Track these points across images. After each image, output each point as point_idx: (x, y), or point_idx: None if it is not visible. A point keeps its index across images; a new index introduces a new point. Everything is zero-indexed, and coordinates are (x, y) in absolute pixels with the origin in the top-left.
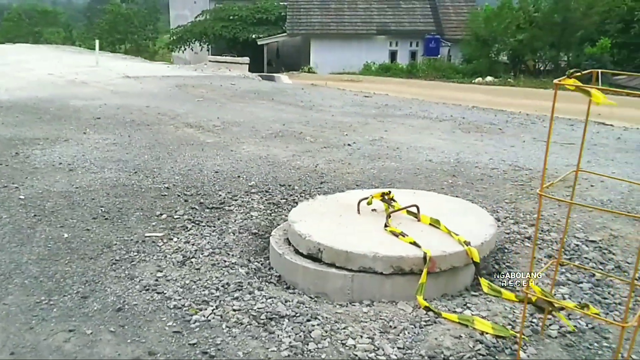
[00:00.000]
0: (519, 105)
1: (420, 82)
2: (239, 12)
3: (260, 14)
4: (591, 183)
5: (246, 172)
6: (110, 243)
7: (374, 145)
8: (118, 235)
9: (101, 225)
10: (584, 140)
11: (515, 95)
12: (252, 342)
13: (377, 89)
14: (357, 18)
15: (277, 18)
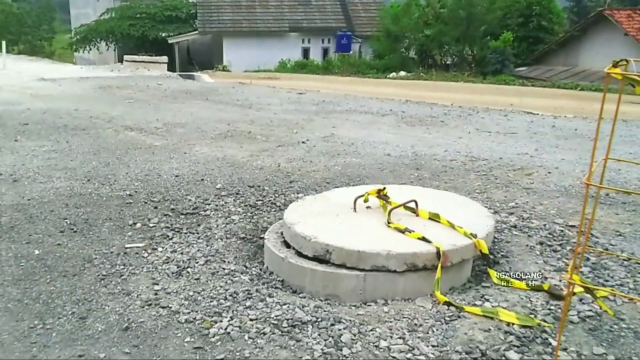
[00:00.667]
0: (441, 98)
1: (338, 79)
2: (147, 9)
3: (170, 12)
4: (548, 171)
5: (208, 174)
6: (90, 257)
7: (328, 142)
8: (94, 248)
9: (72, 239)
10: (614, 131)
11: (434, 88)
12: (282, 352)
13: (302, 86)
14: (269, 15)
15: (187, 16)
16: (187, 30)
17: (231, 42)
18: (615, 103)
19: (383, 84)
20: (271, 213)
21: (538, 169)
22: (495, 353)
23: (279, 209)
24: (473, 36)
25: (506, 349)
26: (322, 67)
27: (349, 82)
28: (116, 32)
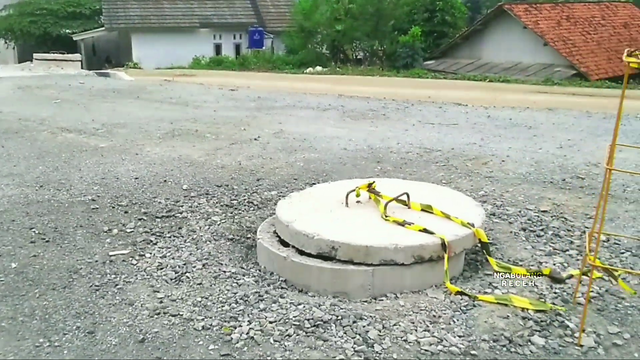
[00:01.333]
0: (365, 92)
1: (256, 74)
2: (48, 5)
3: (73, 8)
4: (501, 159)
5: (170, 175)
6: (75, 268)
7: (280, 138)
8: (76, 258)
9: (47, 249)
10: (619, 118)
11: (355, 82)
12: (314, 353)
13: (220, 83)
14: (177, 11)
15: (92, 12)
16: (93, 26)
17: (140, 39)
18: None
19: (303, 79)
20: (250, 212)
21: (491, 157)
22: (521, 339)
23: (257, 207)
24: (383, 31)
25: (530, 334)
26: (239, 63)
27: (268, 77)
28: (15, 30)
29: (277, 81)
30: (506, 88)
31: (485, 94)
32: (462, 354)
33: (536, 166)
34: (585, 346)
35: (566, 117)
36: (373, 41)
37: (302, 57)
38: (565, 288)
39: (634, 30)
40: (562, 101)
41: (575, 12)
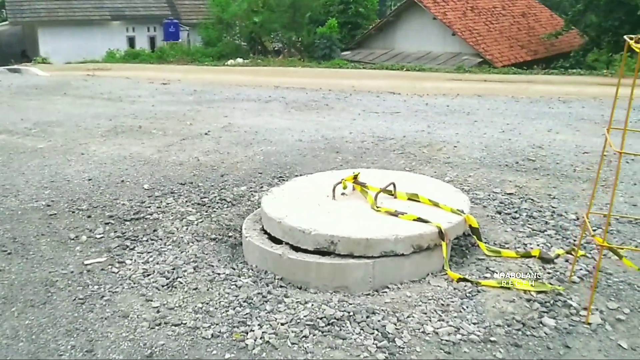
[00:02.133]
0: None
1: (176, 67)
2: None
3: None
4: (453, 145)
5: (126, 175)
6: (49, 281)
7: (230, 131)
8: (47, 269)
9: (11, 262)
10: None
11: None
12: (336, 353)
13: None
14: (87, 3)
15: None
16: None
17: (48, 33)
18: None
19: (229, 71)
20: (225, 209)
21: (443, 144)
22: (533, 321)
23: (230, 204)
24: (300, 23)
25: (539, 316)
26: (156, 57)
27: (189, 70)
28: None
29: (198, 74)
30: (423, 76)
31: (406, 82)
32: (482, 342)
33: (487, 150)
34: (593, 324)
35: (496, 102)
36: (290, 33)
37: (221, 49)
38: (557, 268)
39: (531, 19)
40: (478, 87)
41: (478, 3)
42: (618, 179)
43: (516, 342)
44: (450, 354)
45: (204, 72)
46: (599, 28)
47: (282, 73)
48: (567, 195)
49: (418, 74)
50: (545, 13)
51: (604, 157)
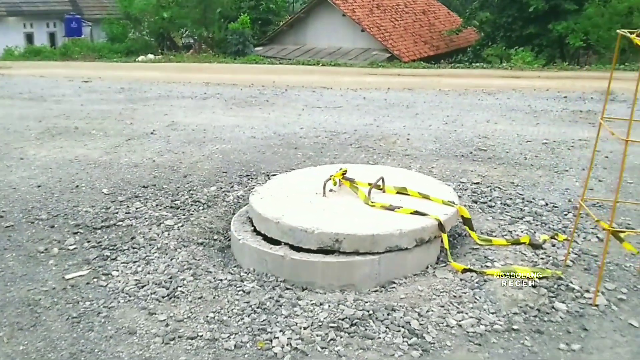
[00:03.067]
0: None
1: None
2: None
3: None
4: (405, 137)
5: (79, 179)
6: (32, 300)
7: (177, 130)
8: (24, 287)
9: None
10: (609, 91)
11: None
12: (370, 354)
13: (43, 73)
14: None
15: None
16: None
17: None
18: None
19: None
20: (202, 212)
21: (396, 136)
22: (546, 307)
23: (206, 206)
24: (211, 18)
25: (550, 301)
26: (60, 53)
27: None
28: None
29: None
30: (340, 71)
31: (326, 77)
32: (506, 331)
33: (439, 142)
34: (600, 305)
35: (428, 96)
36: (201, 28)
37: (130, 45)
38: (548, 253)
39: (431, 16)
40: (395, 81)
41: (383, 1)
42: (624, 166)
43: (538, 329)
44: (480, 345)
45: (120, 69)
46: (493, 24)
47: (195, 69)
48: (528, 183)
49: (334, 68)
50: (443, 10)
51: (596, 150)
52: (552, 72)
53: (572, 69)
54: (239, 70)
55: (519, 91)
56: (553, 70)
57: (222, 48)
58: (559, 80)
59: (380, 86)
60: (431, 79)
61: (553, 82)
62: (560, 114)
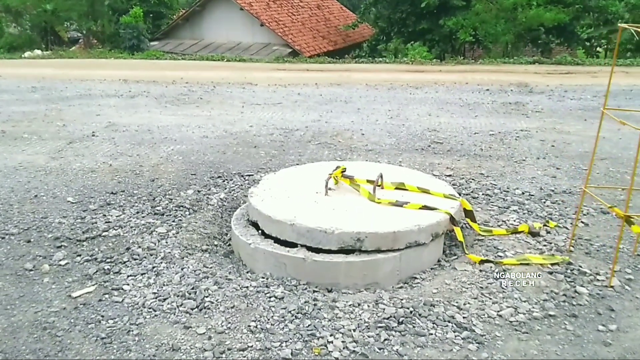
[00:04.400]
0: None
1: None
2: None
3: None
4: (359, 132)
5: (35, 188)
6: (44, 323)
7: (119, 131)
8: (28, 310)
9: None
10: (610, 83)
11: (93, 66)
12: (429, 352)
13: None
14: None
15: None
16: None
17: None
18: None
19: (32, 64)
20: (190, 217)
21: (349, 132)
22: (570, 292)
23: (193, 211)
24: (100, 11)
25: (571, 286)
26: None
27: None
28: None
29: (19, 69)
30: (249, 67)
31: (235, 72)
32: (545, 317)
33: (393, 136)
34: (615, 286)
35: (359, 90)
36: (90, 22)
37: (12, 40)
38: (549, 240)
39: (326, 11)
40: (307, 76)
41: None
42: (639, 156)
43: (573, 313)
44: (528, 333)
45: (16, 67)
46: (388, 20)
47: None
48: (495, 173)
49: (241, 64)
50: (337, 5)
51: (598, 136)
52: (450, 67)
53: (467, 62)
54: (141, 66)
55: (442, 85)
56: (450, 65)
57: (114, 43)
58: (459, 74)
59: (293, 81)
60: (340, 73)
61: (454, 76)
62: (492, 106)
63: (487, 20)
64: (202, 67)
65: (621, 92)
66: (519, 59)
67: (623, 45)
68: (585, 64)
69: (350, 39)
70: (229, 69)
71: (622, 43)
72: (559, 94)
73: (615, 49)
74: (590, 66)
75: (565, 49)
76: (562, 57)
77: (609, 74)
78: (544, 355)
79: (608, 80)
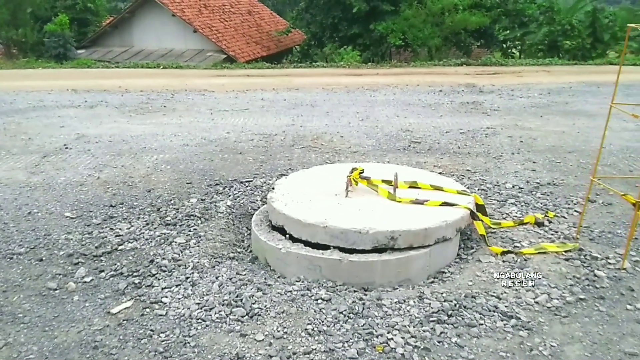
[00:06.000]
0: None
1: None
2: None
3: None
4: (338, 135)
5: (25, 205)
6: (91, 342)
7: (92, 143)
8: (68, 330)
9: (10, 333)
10: (618, 81)
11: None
12: (486, 341)
13: None
14: None
15: None
16: None
17: None
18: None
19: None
20: (204, 226)
21: (328, 135)
22: (590, 275)
23: (204, 219)
24: (23, 19)
25: (590, 271)
26: None
27: None
28: None
29: None
30: (186, 74)
31: (174, 79)
32: (577, 301)
33: (372, 137)
34: (627, 268)
35: (319, 95)
36: (12, 30)
37: None
38: (555, 229)
39: (257, 17)
40: (249, 82)
41: (209, 1)
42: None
43: (601, 295)
44: (568, 317)
45: None
46: (320, 25)
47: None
48: (480, 169)
49: (178, 71)
50: (267, 11)
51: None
52: (385, 70)
53: (401, 66)
54: (74, 76)
55: (396, 87)
56: (385, 68)
57: (37, 52)
58: (395, 76)
59: (238, 87)
60: (282, 78)
61: (391, 79)
62: (452, 106)
63: (416, 25)
64: (139, 75)
65: (562, 89)
66: (448, 61)
67: (535, 46)
68: (508, 65)
69: (282, 44)
70: (167, 76)
71: (535, 44)
72: (507, 93)
73: (623, 50)
74: (513, 66)
75: (484, 50)
76: (487, 58)
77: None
78: (590, 336)
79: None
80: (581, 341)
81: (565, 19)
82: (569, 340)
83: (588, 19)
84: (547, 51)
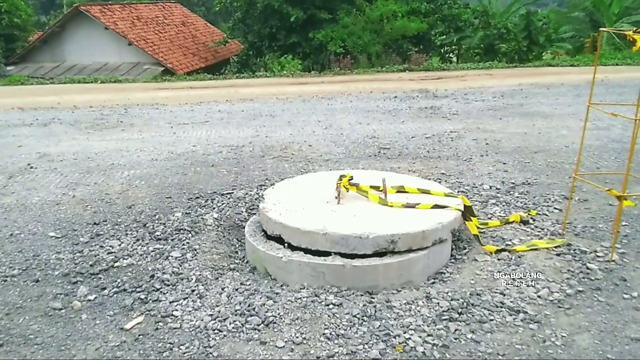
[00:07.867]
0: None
1: None
2: None
3: None
4: (306, 144)
5: (4, 227)
6: (111, 358)
7: (56, 161)
8: (84, 349)
9: (26, 356)
10: (594, 82)
11: None
12: (501, 336)
13: None
14: None
15: None
16: None
17: None
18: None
19: None
20: (196, 239)
21: (296, 144)
22: (583, 269)
23: (195, 233)
24: None
25: (582, 264)
26: None
27: None
28: None
29: None
30: (126, 88)
31: (115, 94)
32: (576, 294)
33: (341, 145)
34: (616, 260)
35: (275, 105)
36: None
37: None
38: (540, 226)
39: (192, 27)
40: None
41: (142, 13)
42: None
43: (597, 287)
44: (571, 308)
45: None
46: (258, 35)
47: None
48: (454, 172)
49: (118, 85)
50: (201, 22)
51: (585, 128)
52: (330, 77)
53: (344, 73)
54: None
55: (349, 95)
56: (329, 76)
57: None
58: (341, 84)
59: (184, 100)
60: (227, 89)
61: (338, 86)
62: (411, 111)
63: (355, 32)
64: (77, 91)
65: (514, 92)
66: (390, 68)
67: (472, 50)
68: (450, 69)
69: (220, 54)
70: (107, 90)
71: (472, 48)
72: (462, 97)
73: (597, 54)
74: (455, 71)
75: (423, 56)
76: (428, 63)
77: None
78: (595, 325)
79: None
80: (588, 330)
81: (501, 22)
82: (577, 330)
83: (523, 22)
84: (484, 55)
